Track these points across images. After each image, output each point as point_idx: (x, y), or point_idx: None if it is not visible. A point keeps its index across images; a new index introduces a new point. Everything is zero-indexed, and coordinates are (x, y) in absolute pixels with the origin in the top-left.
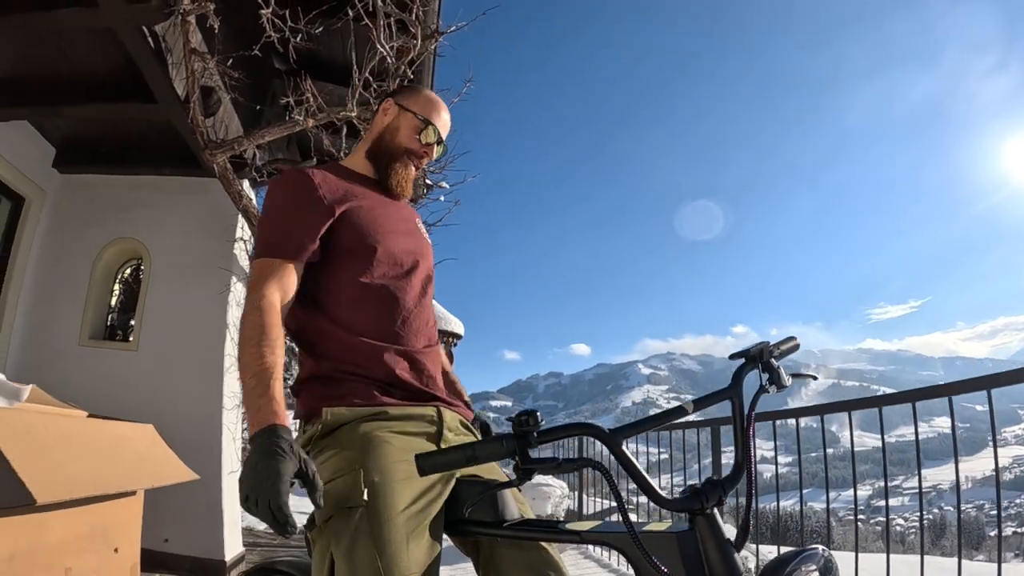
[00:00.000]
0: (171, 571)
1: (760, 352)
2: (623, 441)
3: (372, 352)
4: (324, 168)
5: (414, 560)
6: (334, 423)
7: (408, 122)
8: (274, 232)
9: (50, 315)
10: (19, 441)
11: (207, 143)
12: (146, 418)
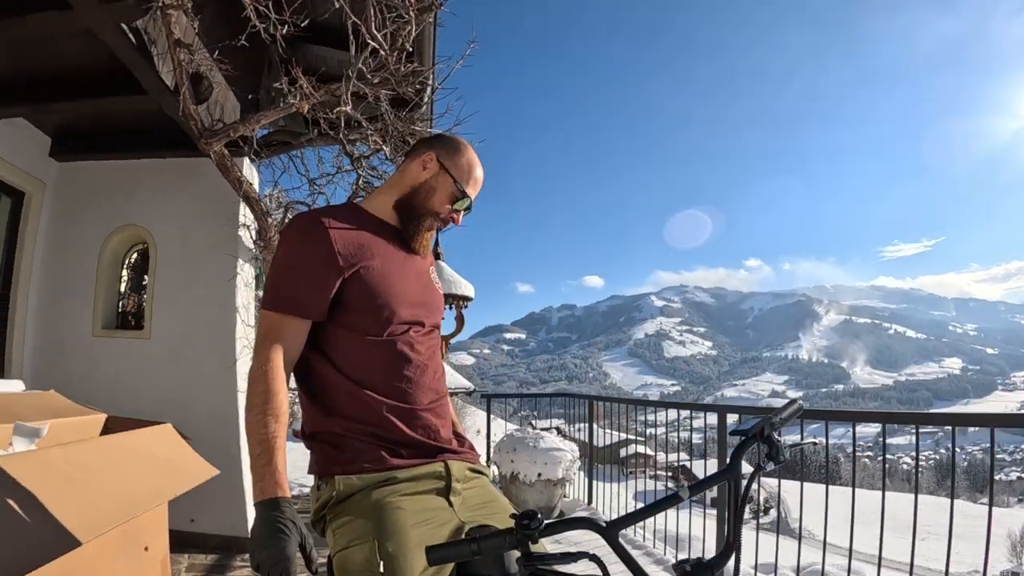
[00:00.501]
0: (199, 549)
1: (761, 431)
2: (618, 533)
3: (379, 408)
4: (342, 213)
5: None
6: (347, 492)
7: (446, 186)
8: (287, 286)
9: (61, 308)
10: (50, 484)
11: (202, 131)
12: (163, 404)
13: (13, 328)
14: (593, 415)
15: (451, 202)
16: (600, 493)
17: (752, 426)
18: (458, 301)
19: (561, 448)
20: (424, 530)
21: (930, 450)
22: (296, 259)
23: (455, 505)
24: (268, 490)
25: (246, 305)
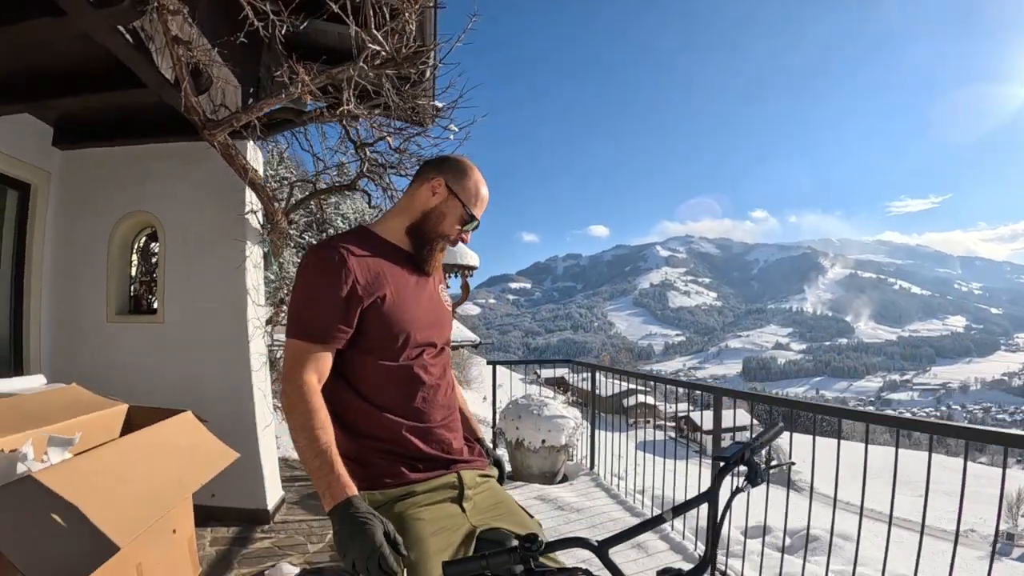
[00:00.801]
0: (220, 522)
1: (741, 456)
2: (608, 550)
3: (397, 429)
4: (357, 242)
5: None
6: (371, 506)
7: (454, 210)
8: (311, 316)
9: (74, 296)
10: (87, 492)
11: (205, 123)
12: (179, 387)
13: (29, 319)
14: (595, 383)
15: (460, 224)
16: (603, 450)
17: (734, 453)
18: (463, 270)
19: (564, 415)
20: (441, 537)
21: (931, 407)
22: (318, 291)
23: (467, 511)
24: (338, 494)
25: (256, 286)
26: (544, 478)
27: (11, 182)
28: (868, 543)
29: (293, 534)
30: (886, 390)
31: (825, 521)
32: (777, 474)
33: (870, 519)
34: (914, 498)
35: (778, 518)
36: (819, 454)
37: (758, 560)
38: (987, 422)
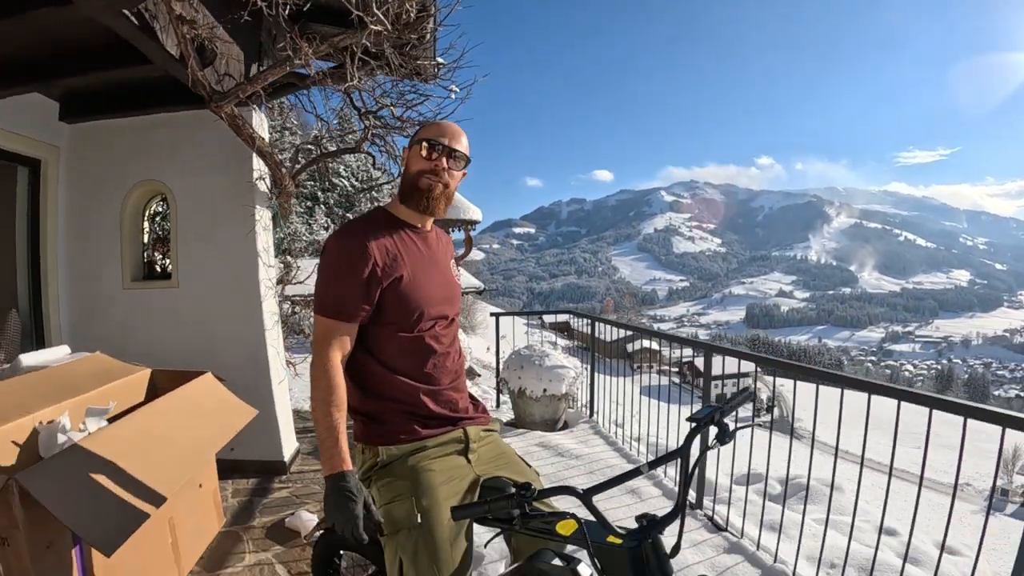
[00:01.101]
0: (240, 475)
1: (711, 416)
2: (592, 497)
3: (411, 391)
4: (376, 226)
5: (455, 557)
6: (388, 460)
7: (415, 151)
8: (336, 296)
9: (90, 267)
10: (127, 455)
11: (211, 95)
12: (196, 349)
13: (47, 291)
14: (594, 332)
15: (425, 155)
16: (603, 399)
17: (704, 415)
18: (466, 225)
19: (565, 365)
20: (450, 486)
21: (932, 359)
22: (342, 273)
23: (472, 462)
24: (336, 466)
25: (266, 248)
26: (545, 425)
27: (21, 159)
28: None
29: (309, 483)
30: (888, 341)
31: (823, 471)
32: (779, 422)
33: (871, 469)
34: (913, 450)
35: (780, 467)
36: (825, 403)
37: (749, 508)
38: (987, 378)
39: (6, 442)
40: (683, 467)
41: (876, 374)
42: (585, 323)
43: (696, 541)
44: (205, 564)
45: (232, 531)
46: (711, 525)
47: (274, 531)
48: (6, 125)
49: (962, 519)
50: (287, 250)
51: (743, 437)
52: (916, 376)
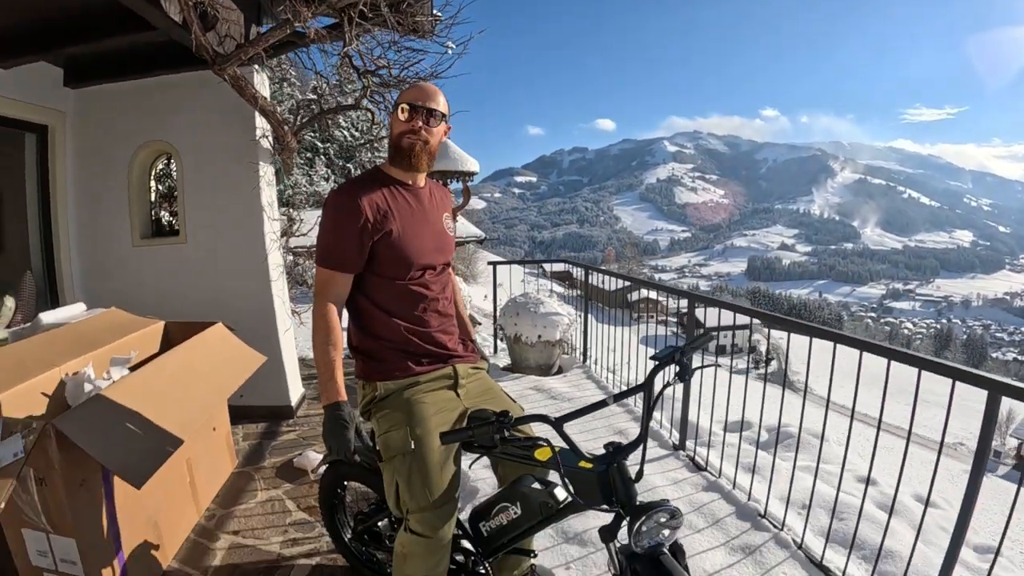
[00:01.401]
0: (250, 420)
1: (672, 356)
2: (563, 425)
3: (404, 332)
4: (369, 184)
5: (444, 479)
6: (385, 393)
7: (396, 115)
8: (335, 249)
9: (100, 226)
10: (148, 400)
11: (215, 59)
12: (206, 301)
13: (59, 253)
14: (588, 281)
15: (404, 117)
16: (599, 347)
17: (665, 355)
18: (463, 176)
19: (559, 312)
20: (440, 416)
21: (931, 318)
22: (338, 228)
23: (461, 396)
24: (331, 396)
25: (270, 203)
26: (540, 370)
27: (28, 126)
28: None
29: (315, 426)
30: (888, 298)
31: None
32: (777, 373)
33: (862, 423)
34: (905, 407)
35: (772, 418)
36: (820, 356)
37: (732, 454)
38: (986, 339)
39: (36, 394)
40: (646, 401)
41: (875, 331)
42: (582, 272)
43: (677, 479)
44: (220, 502)
45: (244, 471)
46: (692, 465)
47: (283, 470)
48: (11, 93)
49: (954, 478)
50: (289, 202)
51: (737, 386)
52: (915, 334)
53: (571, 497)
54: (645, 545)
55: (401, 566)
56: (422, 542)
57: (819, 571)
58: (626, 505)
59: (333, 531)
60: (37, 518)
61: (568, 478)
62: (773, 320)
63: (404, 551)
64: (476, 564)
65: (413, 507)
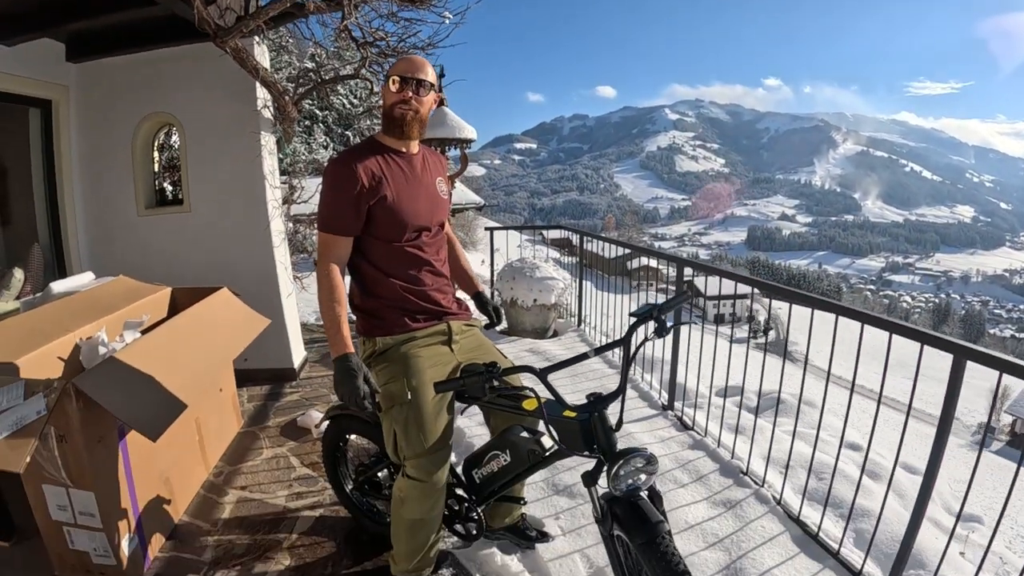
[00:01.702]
0: (254, 383)
1: (650, 313)
2: (547, 375)
3: (401, 291)
4: (365, 153)
5: (438, 427)
6: (384, 348)
7: (387, 86)
8: (334, 215)
9: (105, 197)
10: (160, 361)
11: (216, 32)
12: (211, 268)
13: (66, 224)
14: (583, 246)
15: (394, 88)
16: (596, 312)
17: (643, 312)
18: (461, 144)
19: (554, 277)
20: (435, 369)
21: (930, 292)
22: (337, 195)
23: (455, 350)
24: (340, 349)
25: (272, 171)
26: (536, 333)
27: (32, 101)
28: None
29: (317, 387)
30: (888, 271)
31: (813, 393)
32: (775, 343)
33: (861, 395)
34: (904, 380)
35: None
36: (821, 328)
37: (722, 417)
38: (984, 315)
39: (52, 358)
40: (625, 354)
41: (874, 303)
42: (586, 239)
43: (664, 438)
44: (228, 459)
45: (250, 431)
46: (680, 424)
47: (287, 429)
48: (15, 69)
49: (949, 451)
50: (289, 171)
51: (736, 355)
52: (913, 308)
53: (556, 444)
54: (623, 488)
55: (399, 509)
56: (418, 486)
57: (796, 525)
58: (606, 451)
59: (335, 483)
60: (57, 473)
61: (553, 426)
62: (760, 285)
63: (402, 495)
64: (470, 510)
65: (410, 453)
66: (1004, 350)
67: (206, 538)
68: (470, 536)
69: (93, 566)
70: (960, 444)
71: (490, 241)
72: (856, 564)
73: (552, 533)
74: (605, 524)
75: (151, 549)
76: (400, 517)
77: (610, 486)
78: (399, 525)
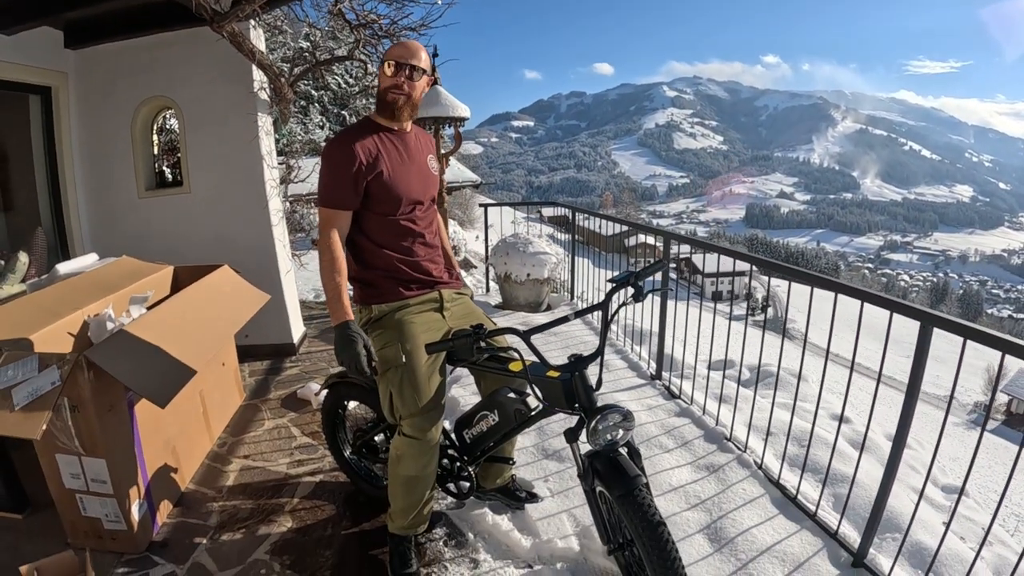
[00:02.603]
0: (255, 358)
1: (627, 279)
2: (531, 336)
3: (395, 262)
4: (361, 133)
5: (431, 388)
6: (379, 315)
7: (383, 70)
8: (334, 191)
9: (106, 181)
10: (166, 334)
11: (213, 17)
12: (211, 247)
13: (68, 208)
14: (575, 222)
15: (389, 73)
16: (590, 287)
17: (622, 278)
18: (455, 122)
19: (547, 252)
20: (427, 334)
21: (929, 271)
22: (336, 172)
23: (446, 317)
24: (340, 316)
25: (270, 151)
26: (530, 307)
27: (32, 88)
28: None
29: (316, 361)
30: (886, 249)
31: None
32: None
33: (860, 374)
34: (903, 359)
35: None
36: (820, 305)
37: (710, 387)
38: (982, 295)
39: (63, 334)
40: (604, 318)
41: (872, 281)
42: (583, 217)
43: (651, 406)
44: (231, 431)
45: (252, 404)
46: (667, 393)
47: (288, 401)
48: (14, 57)
49: (946, 429)
50: (285, 151)
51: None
52: (911, 287)
53: (540, 403)
54: (601, 443)
55: (396, 468)
56: (414, 444)
57: (776, 488)
58: (587, 409)
59: (334, 448)
60: (70, 442)
61: (537, 386)
62: (743, 258)
63: (398, 453)
64: (461, 469)
65: (405, 413)
66: (1002, 330)
67: (211, 504)
68: (463, 494)
69: (105, 531)
70: (956, 423)
71: (484, 218)
72: (832, 526)
73: (541, 494)
74: (587, 480)
75: (159, 515)
76: (397, 475)
77: (589, 440)
78: (396, 482)
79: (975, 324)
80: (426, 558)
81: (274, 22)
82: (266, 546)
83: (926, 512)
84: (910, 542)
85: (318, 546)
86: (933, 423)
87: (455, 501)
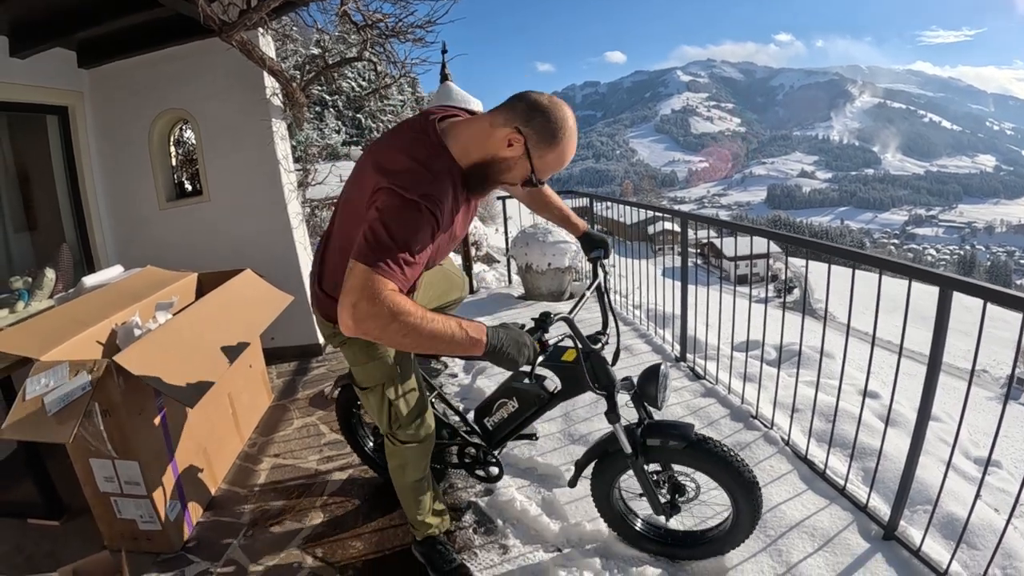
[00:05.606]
0: (282, 360)
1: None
2: (575, 319)
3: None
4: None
5: (419, 389)
6: None
7: (523, 170)
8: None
9: (127, 194)
10: (191, 337)
11: (222, 28)
12: (233, 253)
13: (91, 223)
14: (593, 210)
15: (522, 182)
16: (614, 275)
17: (597, 255)
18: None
19: (567, 240)
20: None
21: (955, 244)
22: (414, 236)
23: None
24: (480, 332)
25: (285, 156)
26: (553, 296)
27: (49, 109)
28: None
29: (342, 359)
30: (911, 224)
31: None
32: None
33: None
34: (928, 333)
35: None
36: (839, 283)
37: (735, 367)
38: (1010, 266)
39: (91, 342)
40: (598, 289)
41: (898, 257)
42: (605, 206)
43: (677, 388)
44: (261, 431)
45: (280, 404)
46: (692, 375)
47: (316, 400)
48: (30, 80)
49: (977, 404)
50: (302, 157)
51: (755, 312)
52: (939, 261)
53: (559, 386)
54: (665, 398)
55: (401, 478)
56: (415, 448)
57: (804, 464)
58: (608, 387)
59: (355, 445)
60: (103, 446)
61: (554, 372)
62: (766, 234)
63: (401, 463)
64: (487, 454)
65: (405, 421)
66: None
67: (243, 502)
68: (492, 477)
69: (140, 533)
70: (988, 396)
71: (503, 210)
72: (862, 499)
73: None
74: (637, 459)
75: (193, 514)
76: (405, 484)
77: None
78: (406, 492)
79: (994, 285)
80: (456, 546)
81: (284, 31)
82: (298, 540)
83: (958, 484)
84: (941, 514)
85: (350, 538)
86: (972, 401)
87: (483, 489)
